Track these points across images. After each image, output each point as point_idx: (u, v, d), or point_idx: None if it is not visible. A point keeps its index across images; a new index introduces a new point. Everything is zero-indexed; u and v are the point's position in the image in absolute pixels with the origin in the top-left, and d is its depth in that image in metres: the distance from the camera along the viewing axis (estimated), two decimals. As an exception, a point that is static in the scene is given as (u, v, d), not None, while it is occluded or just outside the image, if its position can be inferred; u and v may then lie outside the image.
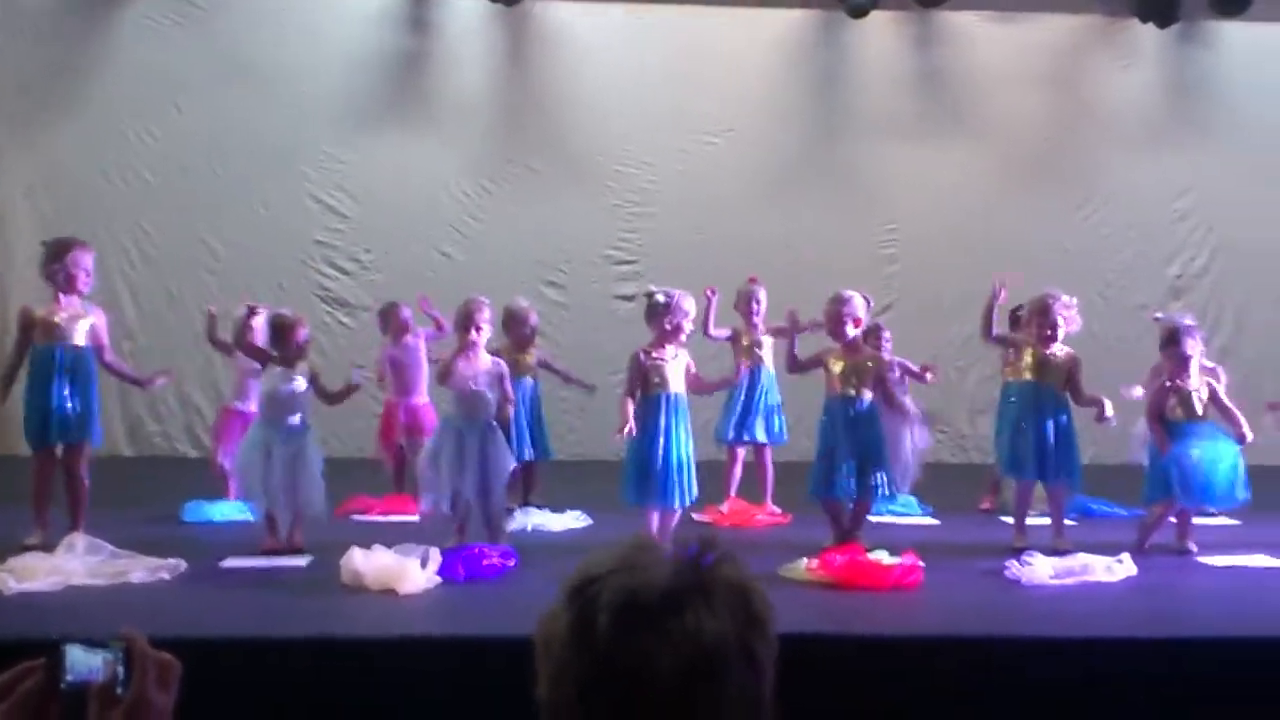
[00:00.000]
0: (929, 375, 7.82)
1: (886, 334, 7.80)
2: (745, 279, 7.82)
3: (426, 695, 4.20)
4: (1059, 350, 6.57)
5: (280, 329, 6.24)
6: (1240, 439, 6.52)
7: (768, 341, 7.65)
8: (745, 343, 7.67)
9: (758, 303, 7.68)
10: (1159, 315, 7.40)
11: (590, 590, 1.35)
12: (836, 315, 6.44)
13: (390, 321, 7.96)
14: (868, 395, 6.42)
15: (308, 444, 6.17)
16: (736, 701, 1.34)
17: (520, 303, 7.83)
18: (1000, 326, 6.94)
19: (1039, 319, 6.56)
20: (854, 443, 6.33)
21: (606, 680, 1.32)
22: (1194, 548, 6.48)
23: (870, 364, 6.46)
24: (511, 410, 6.58)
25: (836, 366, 6.42)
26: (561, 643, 1.36)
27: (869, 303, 6.62)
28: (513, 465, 6.32)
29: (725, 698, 1.33)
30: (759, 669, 1.37)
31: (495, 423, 6.24)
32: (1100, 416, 6.47)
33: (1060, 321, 6.52)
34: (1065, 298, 6.62)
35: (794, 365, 6.62)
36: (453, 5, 10.60)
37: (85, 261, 6.27)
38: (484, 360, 6.26)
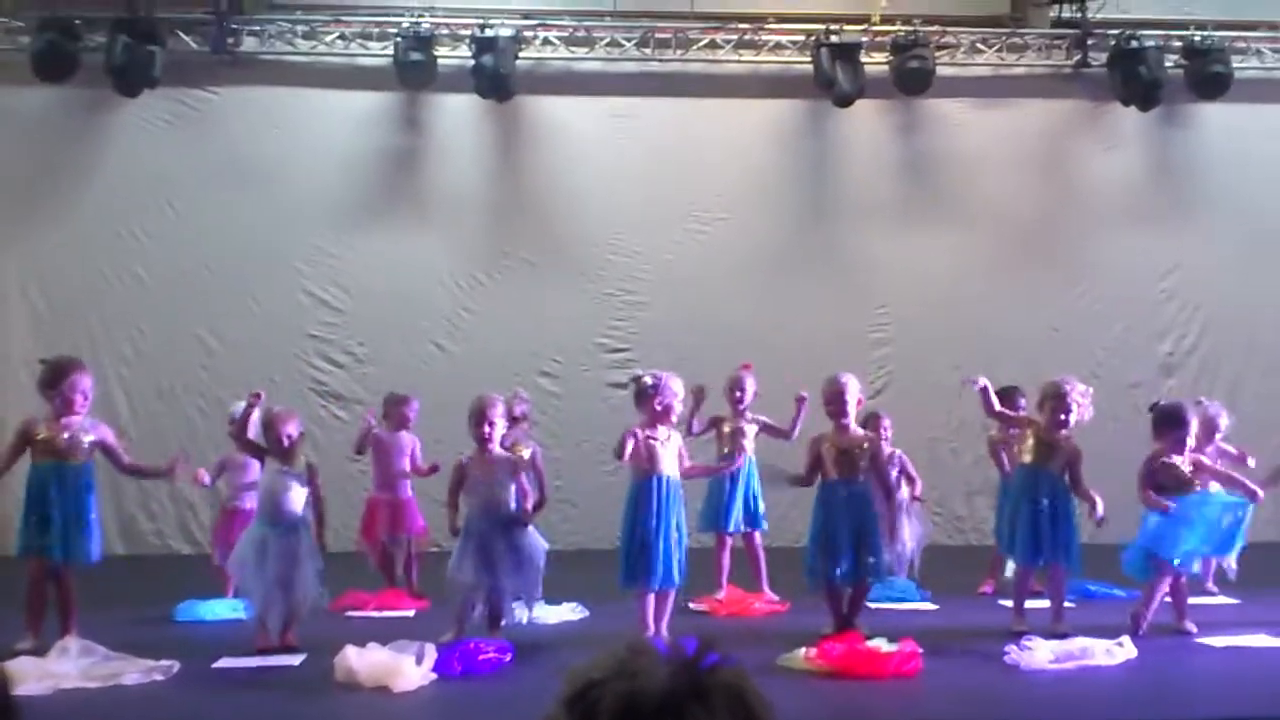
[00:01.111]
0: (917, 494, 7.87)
1: (886, 422, 7.75)
2: (738, 365, 7.83)
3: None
4: (1064, 437, 6.56)
5: (267, 425, 6.25)
6: (1251, 496, 6.58)
7: (750, 429, 7.65)
8: (728, 429, 7.67)
9: (742, 390, 7.68)
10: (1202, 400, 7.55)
11: (588, 698, 1.34)
12: (835, 397, 6.48)
13: (393, 410, 7.95)
14: (862, 478, 6.45)
15: (303, 540, 6.14)
16: None
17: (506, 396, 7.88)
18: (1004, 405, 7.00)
19: (1053, 403, 6.56)
20: (849, 526, 6.34)
21: None
22: (1193, 628, 6.44)
23: (864, 446, 6.49)
24: (531, 503, 6.52)
25: (832, 451, 6.44)
26: None
27: (860, 387, 6.66)
28: (542, 552, 6.32)
29: None
30: None
31: (518, 516, 6.24)
32: (1091, 514, 6.47)
33: (1074, 407, 6.54)
34: (1081, 386, 6.66)
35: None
36: (444, 103, 10.75)
37: (83, 384, 6.33)
38: (499, 457, 6.29)
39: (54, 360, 6.51)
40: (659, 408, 6.18)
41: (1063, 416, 6.53)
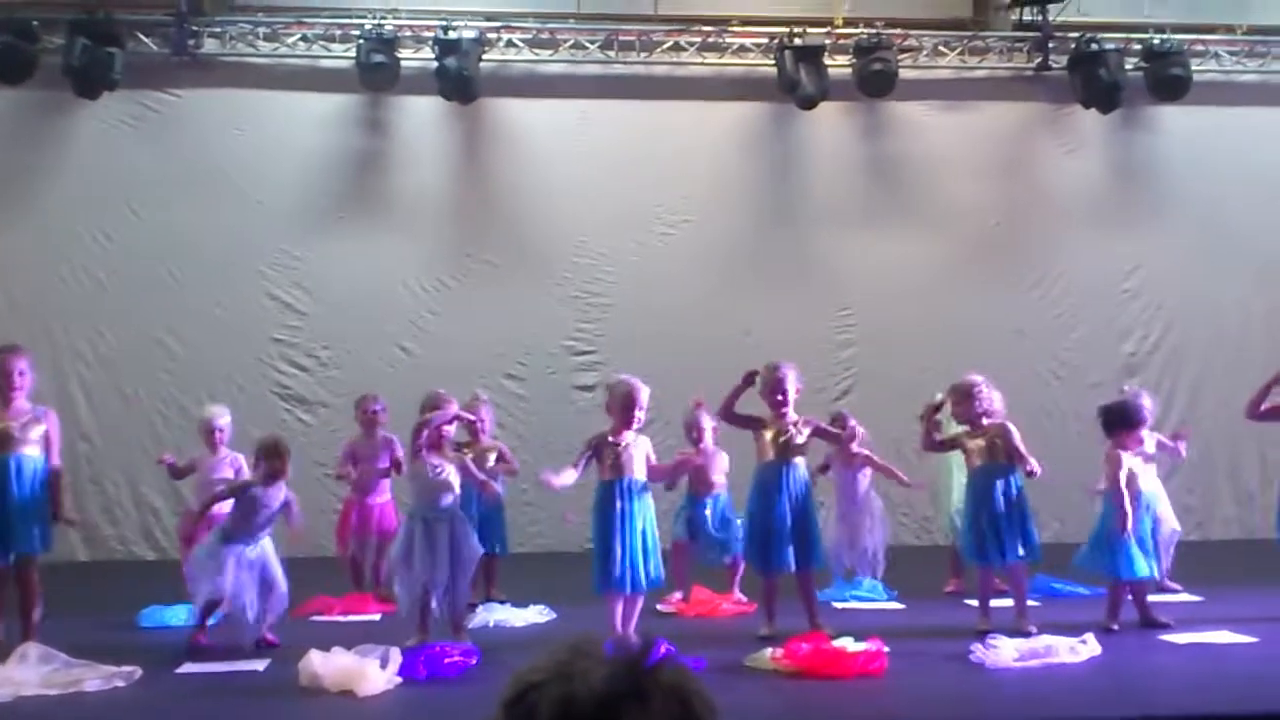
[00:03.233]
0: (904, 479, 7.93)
1: (853, 422, 7.76)
2: (691, 403, 7.78)
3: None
4: (989, 425, 6.65)
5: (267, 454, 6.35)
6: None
7: (723, 460, 7.64)
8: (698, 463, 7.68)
9: (700, 429, 7.65)
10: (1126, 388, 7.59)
11: (527, 701, 1.33)
12: (775, 385, 6.51)
13: (359, 414, 7.92)
14: (800, 462, 6.49)
15: (269, 547, 6.26)
16: None
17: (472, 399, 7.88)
18: (938, 432, 7.06)
19: (966, 404, 6.67)
20: (787, 509, 6.37)
21: None
22: (1169, 621, 6.50)
23: (803, 429, 6.52)
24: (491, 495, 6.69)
25: (769, 434, 6.49)
26: None
27: (799, 375, 6.68)
28: (479, 554, 6.34)
29: None
30: None
31: (460, 512, 6.27)
32: (1028, 473, 6.51)
33: (983, 400, 6.64)
34: (975, 377, 6.73)
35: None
36: (408, 104, 10.72)
37: (9, 364, 6.21)
38: (447, 453, 6.31)
39: None
40: (627, 411, 6.19)
41: (980, 409, 6.62)
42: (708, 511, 7.57)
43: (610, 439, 6.20)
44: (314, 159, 10.63)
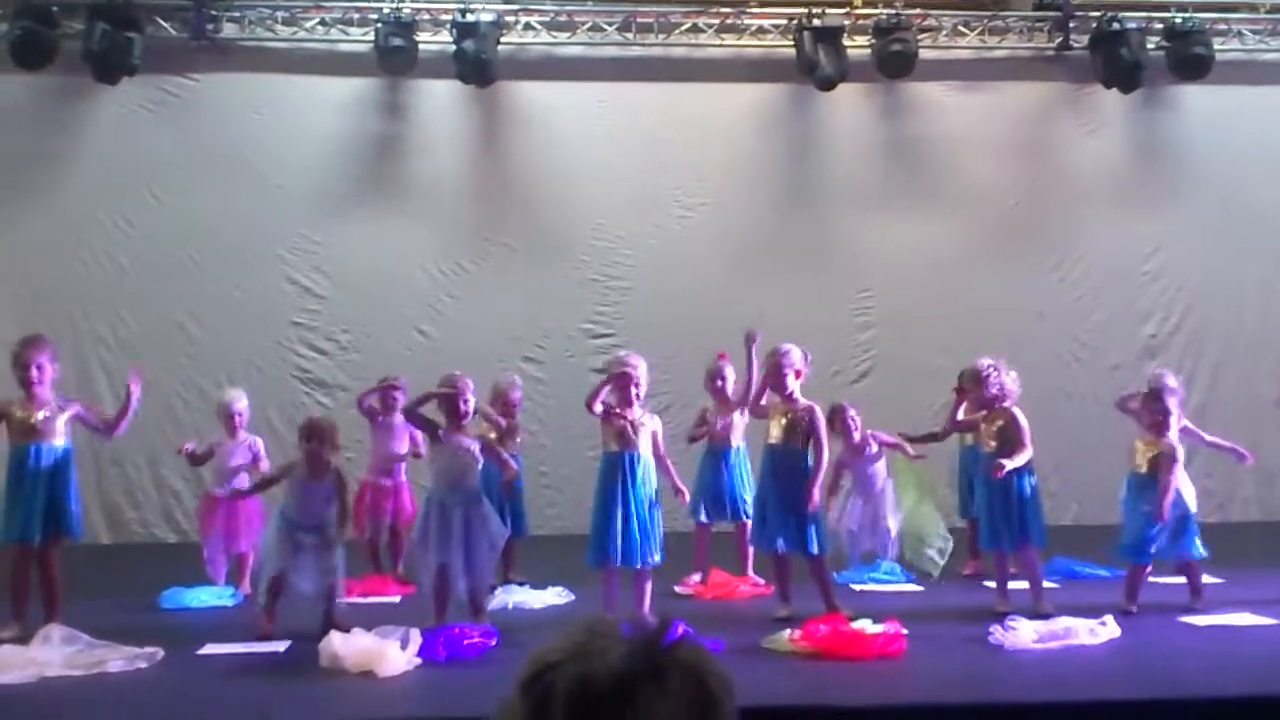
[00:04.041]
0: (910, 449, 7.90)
1: (852, 412, 7.76)
2: (715, 355, 7.82)
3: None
4: (1000, 411, 6.65)
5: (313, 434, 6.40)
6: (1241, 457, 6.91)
7: (738, 420, 7.65)
8: (712, 419, 7.70)
9: (723, 379, 7.69)
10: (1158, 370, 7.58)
11: (544, 680, 1.34)
12: (776, 367, 6.52)
13: (378, 395, 7.95)
14: (802, 447, 6.53)
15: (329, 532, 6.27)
16: None
17: (504, 380, 7.94)
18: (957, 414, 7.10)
19: (977, 389, 6.71)
20: (786, 490, 6.39)
21: None
22: (1198, 604, 6.49)
23: (804, 416, 6.53)
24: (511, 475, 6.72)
25: (774, 417, 6.53)
26: None
27: (807, 355, 6.67)
28: (504, 536, 6.36)
29: None
30: None
31: (480, 494, 6.28)
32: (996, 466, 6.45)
33: (995, 383, 6.64)
34: (987, 361, 6.72)
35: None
36: (426, 88, 10.71)
37: (27, 357, 6.28)
38: (469, 435, 6.34)
39: (19, 341, 6.49)
40: (630, 389, 6.22)
41: (991, 394, 6.63)
42: (728, 463, 7.59)
43: (617, 411, 6.26)
44: (332, 143, 10.64)
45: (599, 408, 6.32)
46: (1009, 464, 6.38)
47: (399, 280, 10.51)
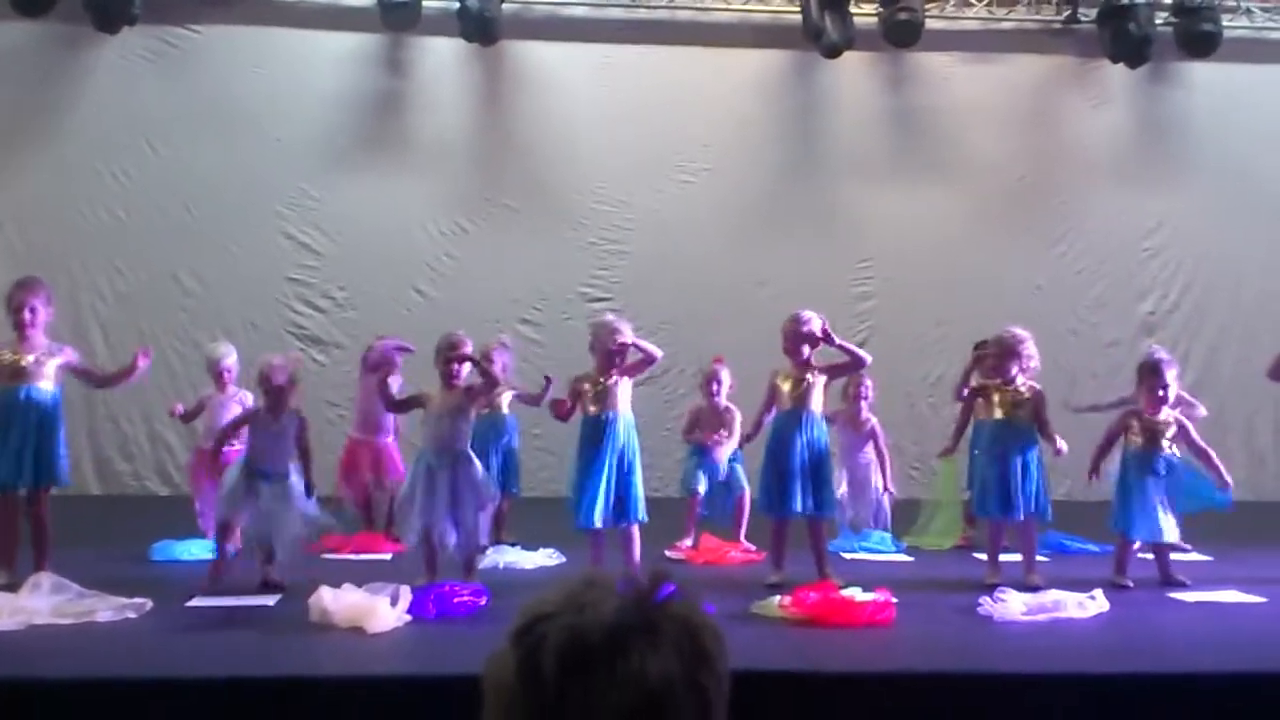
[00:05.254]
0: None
1: (868, 383, 7.73)
2: (710, 359, 7.81)
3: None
4: (1023, 386, 6.61)
5: (261, 376, 6.30)
6: (1223, 486, 6.62)
7: (736, 415, 7.64)
8: (705, 417, 7.70)
9: (719, 383, 7.68)
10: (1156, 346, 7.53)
11: (536, 632, 1.33)
12: (793, 334, 6.50)
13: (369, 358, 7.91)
14: (817, 411, 6.55)
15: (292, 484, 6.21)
16: None
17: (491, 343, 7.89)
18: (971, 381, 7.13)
19: (1008, 361, 6.64)
20: (802, 454, 6.38)
21: None
22: (1186, 580, 6.50)
23: (816, 380, 6.52)
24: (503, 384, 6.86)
25: (786, 383, 6.49)
26: (508, 687, 1.34)
27: (824, 322, 6.66)
28: (493, 496, 6.37)
29: None
30: (709, 707, 1.34)
31: (470, 454, 6.25)
32: (1055, 452, 6.55)
33: (1027, 357, 6.60)
34: (1021, 333, 6.68)
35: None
36: (428, 45, 10.64)
37: (20, 299, 6.21)
38: (456, 395, 6.30)
39: (13, 283, 6.44)
40: (611, 347, 6.23)
41: (1021, 367, 6.60)
42: (719, 463, 7.59)
43: (596, 377, 6.25)
44: (333, 99, 10.58)
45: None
46: (1062, 442, 6.47)
47: (397, 238, 10.47)
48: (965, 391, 7.28)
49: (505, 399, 7.74)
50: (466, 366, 6.36)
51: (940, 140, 10.99)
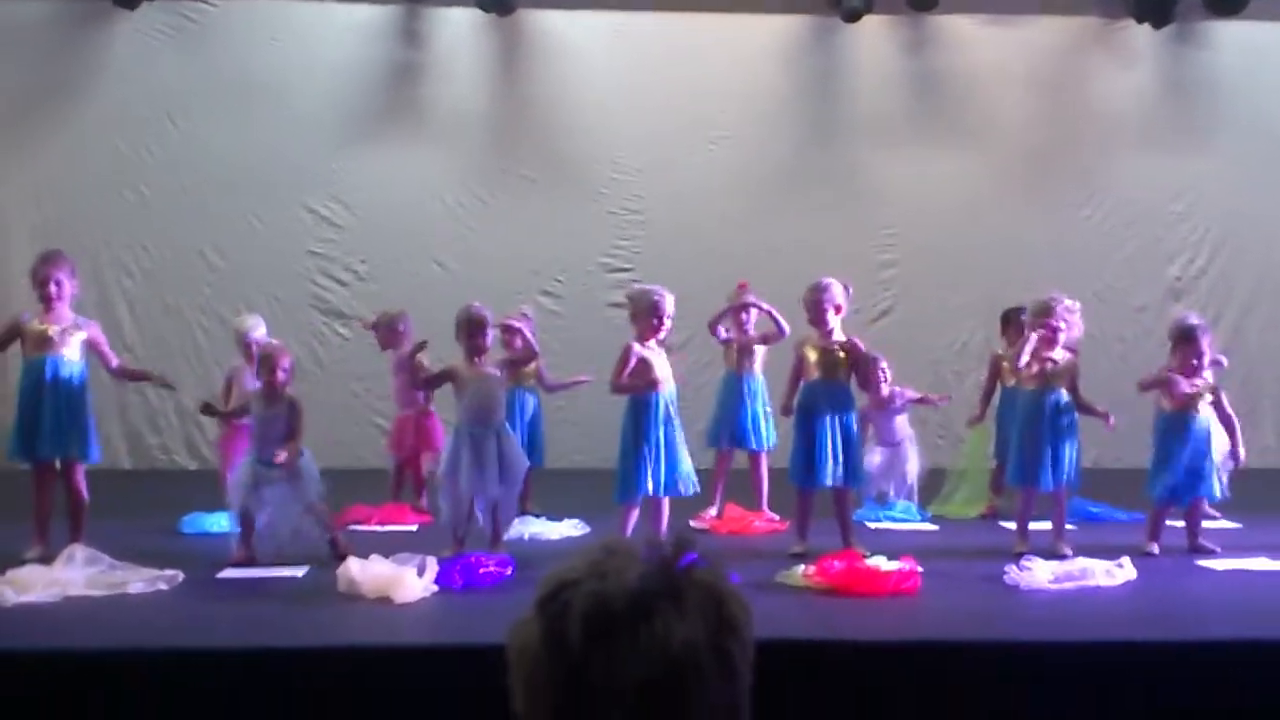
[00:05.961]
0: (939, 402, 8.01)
1: (884, 364, 7.61)
2: (735, 285, 7.78)
3: (422, 705, 4.19)
4: (1060, 355, 6.53)
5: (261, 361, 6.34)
6: (1235, 459, 6.60)
7: (759, 350, 7.64)
8: (734, 348, 7.68)
9: (748, 311, 7.66)
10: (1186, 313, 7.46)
11: (561, 598, 1.34)
12: (816, 303, 6.47)
13: (389, 334, 7.92)
14: (845, 381, 6.54)
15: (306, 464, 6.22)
16: (712, 706, 1.32)
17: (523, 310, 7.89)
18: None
19: (1041, 320, 6.50)
20: (831, 425, 6.36)
21: (579, 690, 1.31)
22: (1215, 548, 6.47)
23: (842, 353, 6.49)
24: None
25: (814, 354, 6.47)
26: (533, 653, 1.35)
27: (848, 289, 6.61)
28: (526, 467, 6.41)
29: (698, 703, 1.31)
30: (734, 674, 1.35)
31: (507, 426, 6.29)
32: (1107, 423, 6.52)
33: (1062, 325, 6.49)
34: (1068, 301, 6.59)
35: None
36: (445, 16, 10.59)
37: (45, 272, 6.27)
38: (488, 367, 6.34)
39: (39, 256, 6.48)
40: (655, 321, 6.18)
41: (1050, 334, 6.46)
42: (747, 388, 7.60)
43: (641, 349, 6.22)
44: (350, 71, 10.56)
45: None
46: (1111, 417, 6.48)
47: (417, 211, 10.47)
48: (1022, 363, 6.78)
49: (530, 370, 7.76)
50: (491, 336, 6.39)
51: (963, 104, 10.88)
